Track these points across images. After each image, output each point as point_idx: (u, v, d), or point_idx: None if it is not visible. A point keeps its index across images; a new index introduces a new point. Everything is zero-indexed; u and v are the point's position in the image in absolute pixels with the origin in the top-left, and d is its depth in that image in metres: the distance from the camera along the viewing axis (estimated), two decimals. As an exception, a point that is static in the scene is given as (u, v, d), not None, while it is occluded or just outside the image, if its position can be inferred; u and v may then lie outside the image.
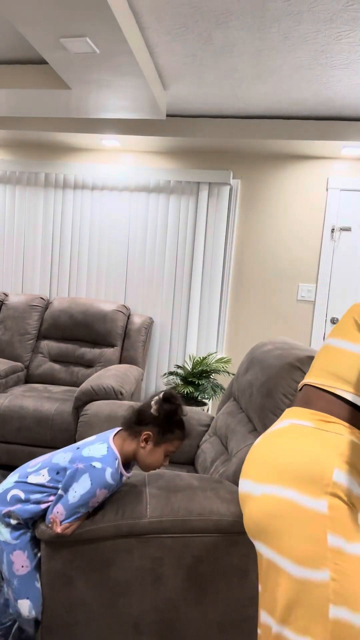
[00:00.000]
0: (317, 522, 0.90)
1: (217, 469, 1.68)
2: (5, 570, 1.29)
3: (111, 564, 1.30)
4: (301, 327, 3.46)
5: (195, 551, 1.31)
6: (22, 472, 1.33)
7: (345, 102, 2.66)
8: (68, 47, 2.01)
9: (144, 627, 1.34)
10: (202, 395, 3.27)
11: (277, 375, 1.54)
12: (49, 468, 1.31)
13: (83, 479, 1.24)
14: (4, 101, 2.74)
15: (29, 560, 1.28)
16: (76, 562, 1.30)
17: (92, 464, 1.25)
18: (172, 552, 1.31)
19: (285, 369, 1.53)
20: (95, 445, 1.31)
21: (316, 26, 1.91)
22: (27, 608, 1.28)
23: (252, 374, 1.73)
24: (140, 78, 2.28)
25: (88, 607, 1.32)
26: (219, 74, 2.42)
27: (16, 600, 1.28)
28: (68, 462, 1.29)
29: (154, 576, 1.31)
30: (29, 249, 3.73)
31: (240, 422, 1.73)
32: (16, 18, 1.81)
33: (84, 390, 2.54)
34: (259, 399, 1.58)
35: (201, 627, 1.35)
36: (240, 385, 1.83)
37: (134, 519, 1.29)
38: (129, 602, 1.32)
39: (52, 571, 1.30)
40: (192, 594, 1.33)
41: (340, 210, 3.35)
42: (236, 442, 1.64)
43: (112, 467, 1.26)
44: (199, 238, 3.46)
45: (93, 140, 3.36)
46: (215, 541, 1.31)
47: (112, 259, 3.64)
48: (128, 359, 3.27)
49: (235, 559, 1.32)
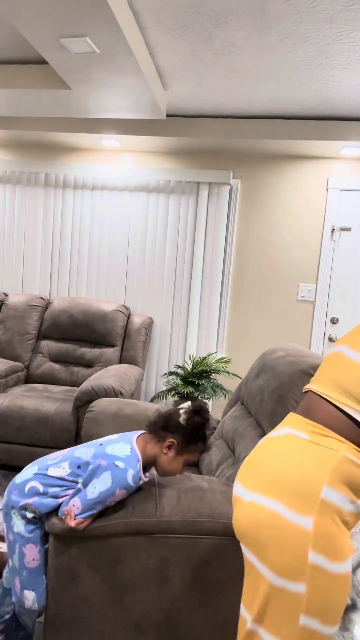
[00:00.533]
0: (301, 539, 0.91)
1: (223, 472, 1.69)
2: (16, 561, 1.30)
3: (118, 562, 1.31)
4: (301, 327, 3.46)
5: (202, 553, 1.32)
6: (42, 465, 1.33)
7: (345, 102, 2.66)
8: (68, 47, 2.01)
9: (146, 627, 1.34)
10: (202, 395, 3.27)
11: (290, 382, 1.55)
12: (70, 462, 1.31)
13: (104, 476, 1.24)
14: (4, 101, 2.74)
15: (40, 555, 1.30)
16: (83, 558, 1.30)
17: (115, 463, 1.25)
18: (179, 553, 1.31)
19: (297, 376, 1.54)
20: (118, 445, 1.30)
21: (316, 26, 1.91)
22: (32, 599, 1.29)
23: (263, 380, 1.73)
24: (140, 78, 2.28)
25: (92, 604, 1.33)
26: (219, 74, 2.42)
27: (22, 591, 1.29)
28: (91, 457, 1.29)
29: (160, 576, 1.32)
30: (29, 249, 3.73)
31: (249, 427, 1.73)
32: (16, 18, 1.81)
33: (84, 390, 2.54)
34: (270, 405, 1.59)
35: (203, 629, 1.35)
36: (250, 390, 1.84)
37: (143, 517, 1.29)
38: (133, 601, 1.33)
39: (59, 566, 1.31)
40: (197, 596, 1.33)
41: (340, 210, 3.35)
42: (244, 446, 1.65)
43: (134, 469, 1.26)
44: (199, 238, 3.46)
45: (93, 140, 3.36)
46: (222, 544, 1.32)
47: (112, 259, 3.64)
48: (128, 359, 3.27)
49: (242, 562, 1.33)
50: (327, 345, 3.44)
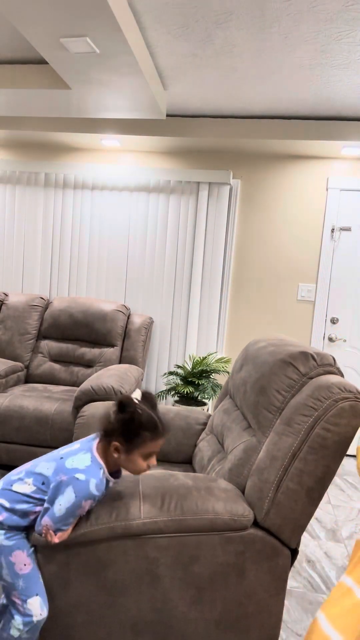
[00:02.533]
0: None
1: (213, 467, 1.68)
2: (6, 575, 1.26)
3: (107, 565, 1.30)
4: (301, 327, 3.46)
5: (191, 550, 1.31)
6: (7, 481, 1.30)
7: (345, 102, 2.66)
8: (68, 47, 2.01)
9: (143, 627, 1.34)
10: (202, 395, 3.27)
11: (270, 372, 1.53)
12: (34, 478, 1.28)
13: (67, 491, 1.22)
14: (4, 101, 2.74)
15: (30, 558, 1.27)
16: (72, 565, 1.30)
17: (75, 476, 1.23)
18: (168, 552, 1.31)
19: (277, 365, 1.52)
20: (78, 456, 1.27)
21: (316, 26, 1.91)
22: (39, 605, 1.26)
23: (245, 371, 1.72)
24: (140, 78, 2.28)
25: (86, 609, 1.32)
26: (219, 74, 2.42)
27: (25, 602, 1.25)
28: (52, 473, 1.26)
29: (151, 577, 1.31)
30: (29, 249, 3.73)
31: (235, 420, 1.73)
32: (16, 18, 1.81)
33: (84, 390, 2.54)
34: (252, 396, 1.58)
35: (199, 626, 1.35)
36: (235, 382, 1.83)
37: (128, 521, 1.28)
38: (127, 603, 1.32)
39: (49, 575, 1.30)
40: (190, 593, 1.33)
41: (340, 210, 3.35)
42: (232, 439, 1.64)
43: (96, 478, 1.24)
44: (199, 238, 3.46)
45: (93, 140, 3.36)
46: (211, 540, 1.31)
47: (112, 259, 3.64)
48: (128, 358, 3.27)
49: (232, 557, 1.32)
50: (327, 345, 3.44)
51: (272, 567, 1.34)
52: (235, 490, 1.42)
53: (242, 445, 1.53)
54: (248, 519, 1.33)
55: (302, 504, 1.33)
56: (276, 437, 1.39)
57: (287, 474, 1.33)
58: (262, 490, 1.35)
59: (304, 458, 1.32)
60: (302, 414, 1.36)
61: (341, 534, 2.41)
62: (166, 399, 3.59)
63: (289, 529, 1.34)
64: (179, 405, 3.23)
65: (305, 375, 1.47)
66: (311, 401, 1.36)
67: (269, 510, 1.33)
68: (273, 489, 1.33)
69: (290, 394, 1.46)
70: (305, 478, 1.32)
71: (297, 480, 1.32)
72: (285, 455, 1.34)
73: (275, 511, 1.33)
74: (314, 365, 1.48)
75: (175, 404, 3.27)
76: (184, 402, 3.29)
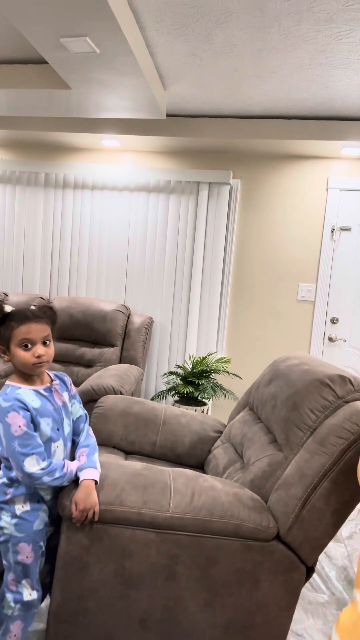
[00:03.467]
0: None
1: (230, 475, 1.70)
2: (10, 559, 1.31)
3: (128, 555, 1.31)
4: (301, 327, 3.46)
5: (211, 552, 1.32)
6: None
7: (345, 102, 2.66)
8: (68, 47, 2.01)
9: (151, 622, 1.35)
10: (202, 395, 3.27)
11: (305, 390, 1.54)
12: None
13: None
14: (4, 101, 2.74)
15: (33, 553, 1.30)
16: (93, 549, 1.31)
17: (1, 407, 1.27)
18: (188, 551, 1.31)
19: (314, 385, 1.53)
20: None
21: (316, 26, 1.91)
22: (29, 587, 1.30)
23: (276, 387, 1.73)
24: (140, 78, 2.28)
25: (99, 596, 1.33)
26: (219, 74, 2.42)
27: (19, 583, 1.31)
28: None
29: (168, 573, 1.32)
30: (29, 249, 3.73)
31: (258, 433, 1.73)
32: (16, 18, 1.81)
33: (84, 390, 2.54)
34: (283, 412, 1.58)
35: (207, 629, 1.36)
36: (261, 396, 1.84)
37: (157, 511, 1.30)
38: (140, 596, 1.33)
39: (69, 556, 1.31)
40: (202, 595, 1.34)
41: (340, 210, 3.35)
42: (254, 451, 1.65)
43: (3, 396, 1.27)
44: (199, 238, 3.46)
45: (93, 140, 3.36)
46: (231, 545, 1.32)
47: (112, 259, 3.64)
48: (128, 358, 3.27)
49: (249, 565, 1.33)
50: (327, 345, 3.44)
51: (286, 581, 1.35)
52: (261, 501, 1.43)
53: (267, 459, 1.54)
54: (272, 531, 1.34)
55: (326, 523, 1.34)
56: (307, 455, 1.40)
57: (315, 493, 1.34)
58: (288, 505, 1.36)
59: (334, 479, 1.33)
60: (337, 435, 1.37)
61: (341, 534, 2.41)
62: (166, 399, 3.59)
63: (309, 546, 1.34)
64: (178, 405, 3.24)
65: (342, 399, 1.48)
66: (348, 424, 1.37)
67: (293, 525, 1.34)
68: (300, 505, 1.34)
69: (324, 415, 1.47)
70: (333, 499, 1.33)
71: (325, 500, 1.33)
72: (316, 473, 1.35)
73: (298, 527, 1.33)
74: (351, 389, 1.49)
75: (175, 404, 3.27)
76: (184, 402, 3.29)
